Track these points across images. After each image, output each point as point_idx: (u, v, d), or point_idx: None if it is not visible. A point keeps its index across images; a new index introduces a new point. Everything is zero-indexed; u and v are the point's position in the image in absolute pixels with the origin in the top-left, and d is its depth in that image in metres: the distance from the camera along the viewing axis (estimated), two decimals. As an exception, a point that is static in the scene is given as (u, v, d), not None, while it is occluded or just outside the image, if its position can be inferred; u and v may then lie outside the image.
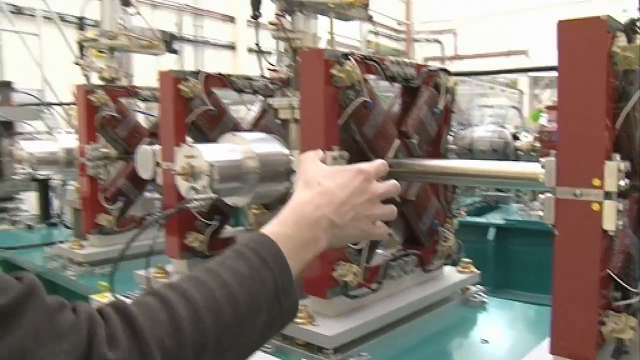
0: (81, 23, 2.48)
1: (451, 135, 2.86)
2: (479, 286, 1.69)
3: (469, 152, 3.23)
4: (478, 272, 1.68)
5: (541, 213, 0.96)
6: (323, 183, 0.91)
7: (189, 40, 11.87)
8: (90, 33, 2.50)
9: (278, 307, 0.75)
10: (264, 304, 0.73)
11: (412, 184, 1.47)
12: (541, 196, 0.96)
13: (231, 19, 11.93)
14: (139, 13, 2.76)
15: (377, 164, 0.97)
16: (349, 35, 13.66)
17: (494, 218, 3.92)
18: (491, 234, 3.72)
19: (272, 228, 0.82)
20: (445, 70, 1.61)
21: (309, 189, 0.91)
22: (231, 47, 12.15)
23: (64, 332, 0.54)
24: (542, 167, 0.95)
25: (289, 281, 0.77)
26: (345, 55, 1.28)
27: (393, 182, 0.98)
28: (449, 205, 1.61)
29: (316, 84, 1.26)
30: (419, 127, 1.48)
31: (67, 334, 0.55)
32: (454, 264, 1.70)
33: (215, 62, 11.77)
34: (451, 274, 1.65)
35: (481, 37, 14.70)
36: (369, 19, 1.84)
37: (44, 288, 0.56)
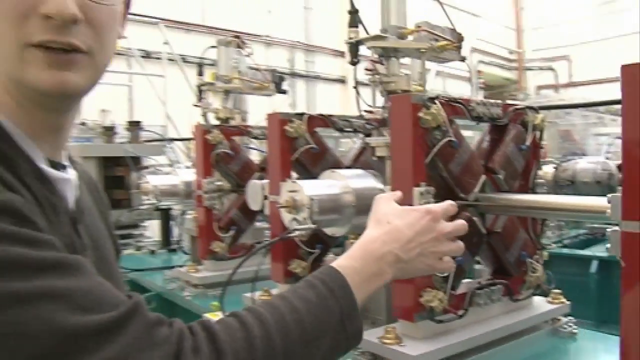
0: (200, 69, 2.74)
1: (554, 168, 2.88)
2: (570, 317, 1.74)
3: (572, 184, 3.21)
4: (568, 303, 1.73)
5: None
6: (392, 221, 1.01)
7: (300, 76, 12.31)
8: (210, 77, 2.77)
9: (343, 332, 0.86)
10: (329, 329, 0.84)
11: (499, 217, 1.56)
12: (608, 230, 1.03)
13: (341, 54, 12.25)
14: (251, 54, 3.02)
15: (445, 205, 1.06)
16: (458, 66, 13.63)
17: (598, 251, 3.82)
18: (594, 267, 3.65)
19: (341, 262, 0.94)
20: (532, 108, 1.69)
21: (378, 226, 1.02)
22: (341, 81, 12.48)
23: (158, 342, 0.69)
24: (609, 201, 1.03)
25: (354, 309, 0.87)
26: (432, 99, 1.40)
27: (461, 221, 1.07)
28: (538, 238, 1.67)
29: (405, 125, 1.39)
30: (506, 163, 1.56)
31: (161, 344, 0.69)
32: (545, 295, 1.75)
33: (326, 96, 12.12)
34: (540, 304, 1.70)
35: (596, 63, 14.19)
36: (462, 59, 1.94)
37: (146, 306, 0.72)
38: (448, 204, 1.07)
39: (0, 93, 0.82)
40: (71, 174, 0.92)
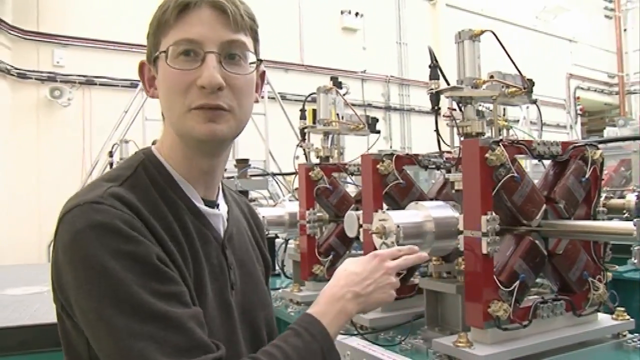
0: (302, 113, 3.12)
1: (637, 196, 3.01)
2: (636, 334, 1.93)
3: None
4: (632, 320, 1.92)
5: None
6: (348, 268, 1.28)
7: (395, 109, 12.63)
8: (309, 114, 3.14)
9: None
10: None
11: (561, 240, 1.81)
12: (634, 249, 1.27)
13: (435, 86, 12.48)
14: (348, 93, 3.36)
15: (390, 251, 1.36)
16: (555, 94, 13.52)
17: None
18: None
19: (313, 309, 1.19)
20: (592, 145, 1.92)
21: (337, 275, 1.28)
22: (439, 109, 12.69)
23: None
24: (634, 225, 1.28)
25: (331, 346, 1.13)
26: (496, 142, 1.68)
27: (403, 258, 1.35)
28: (600, 260, 1.89)
29: (473, 164, 1.67)
30: (566, 194, 1.81)
31: None
32: (610, 312, 1.95)
33: (420, 127, 12.33)
34: (604, 320, 1.91)
35: None
36: (533, 102, 2.19)
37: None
38: (394, 250, 1.38)
39: (170, 149, 1.18)
40: (222, 209, 1.26)
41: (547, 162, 1.95)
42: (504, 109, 2.68)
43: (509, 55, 2.02)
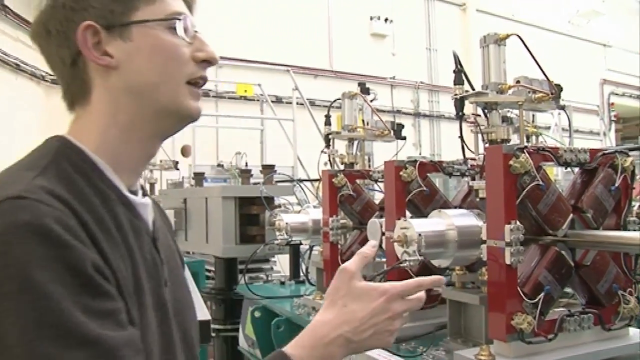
0: (327, 119, 3.09)
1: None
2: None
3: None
4: (665, 334, 1.85)
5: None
6: (347, 304, 1.08)
7: (425, 115, 12.55)
8: (336, 119, 3.11)
9: None
10: None
11: (589, 251, 1.74)
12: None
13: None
14: (375, 99, 3.33)
15: (403, 286, 1.12)
16: (588, 100, 13.30)
17: None
18: None
19: (291, 350, 1.04)
20: (622, 152, 1.86)
21: (332, 308, 1.08)
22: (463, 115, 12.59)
23: None
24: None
25: None
26: (521, 149, 1.63)
27: (417, 298, 1.14)
28: (631, 272, 1.82)
29: (497, 172, 1.63)
30: (594, 203, 1.75)
31: None
32: (644, 326, 1.88)
33: (450, 133, 12.22)
34: (636, 335, 1.84)
35: None
36: (561, 108, 2.13)
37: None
38: (407, 284, 1.14)
39: (104, 133, 1.03)
40: (147, 199, 1.11)
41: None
42: (534, 115, 2.62)
43: (535, 60, 1.97)
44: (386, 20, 12.01)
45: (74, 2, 0.99)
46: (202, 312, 2.19)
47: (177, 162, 6.74)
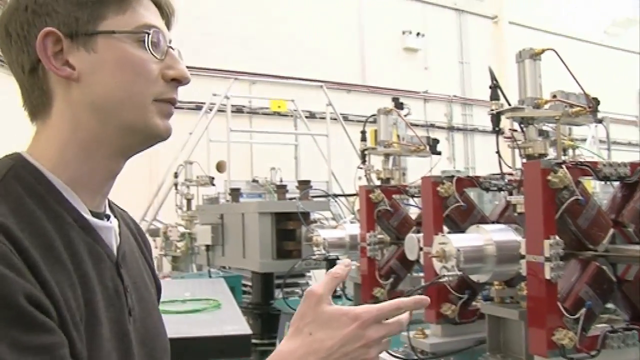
0: (363, 135, 3.11)
1: None
2: None
3: None
4: None
5: None
6: (314, 332, 0.94)
7: (458, 129, 12.50)
8: (370, 134, 3.14)
9: None
10: None
11: (632, 266, 1.73)
12: None
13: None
14: (409, 114, 3.35)
15: (379, 310, 0.96)
16: (626, 111, 13.08)
17: None
18: None
19: None
20: (664, 166, 1.84)
21: (297, 337, 0.95)
22: (500, 132, 12.50)
23: None
24: None
25: None
26: (559, 164, 1.63)
27: (397, 320, 0.98)
28: (676, 287, 1.80)
29: (535, 187, 1.63)
30: (636, 217, 1.73)
31: None
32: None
33: (484, 146, 12.14)
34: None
35: None
36: (599, 121, 2.12)
37: None
38: (383, 307, 0.97)
39: (63, 150, 0.95)
40: (113, 222, 1.03)
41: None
42: (570, 128, 2.61)
43: (571, 74, 1.97)
44: (418, 34, 12.04)
45: (37, 6, 0.92)
46: (242, 327, 2.22)
47: (213, 178, 6.85)
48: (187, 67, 1.02)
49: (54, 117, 0.95)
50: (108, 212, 1.04)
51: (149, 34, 0.95)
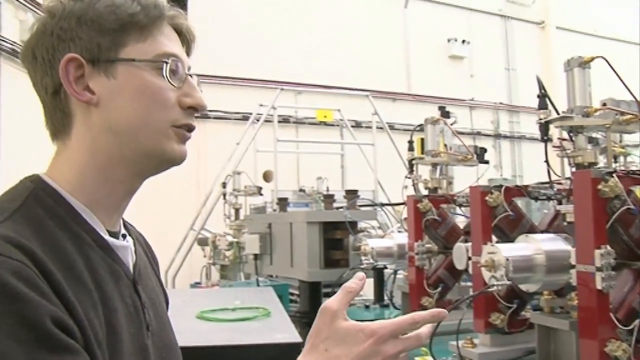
0: (410, 145, 3.13)
1: None
2: None
3: None
4: None
5: None
6: (330, 349, 0.93)
7: (505, 137, 12.34)
8: (417, 142, 3.15)
9: None
10: None
11: (685, 277, 1.71)
12: None
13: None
14: (456, 122, 3.35)
15: (395, 325, 0.96)
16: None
17: None
18: None
19: None
20: None
21: (314, 353, 0.94)
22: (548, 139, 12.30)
23: None
24: None
25: None
26: (610, 173, 1.63)
27: (416, 335, 0.97)
28: None
29: (586, 196, 1.63)
30: (690, 227, 1.71)
31: None
32: None
33: (531, 154, 11.95)
34: None
35: None
36: (651, 129, 2.09)
37: None
38: (399, 322, 0.97)
39: (82, 173, 0.99)
40: (129, 241, 1.08)
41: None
42: (620, 135, 2.57)
43: (622, 81, 1.95)
44: (463, 41, 11.96)
45: (62, 31, 0.95)
46: (292, 335, 2.25)
47: (260, 188, 6.94)
48: (235, 78, 1.07)
49: (73, 139, 0.99)
50: (123, 230, 1.09)
51: (167, 62, 0.99)
